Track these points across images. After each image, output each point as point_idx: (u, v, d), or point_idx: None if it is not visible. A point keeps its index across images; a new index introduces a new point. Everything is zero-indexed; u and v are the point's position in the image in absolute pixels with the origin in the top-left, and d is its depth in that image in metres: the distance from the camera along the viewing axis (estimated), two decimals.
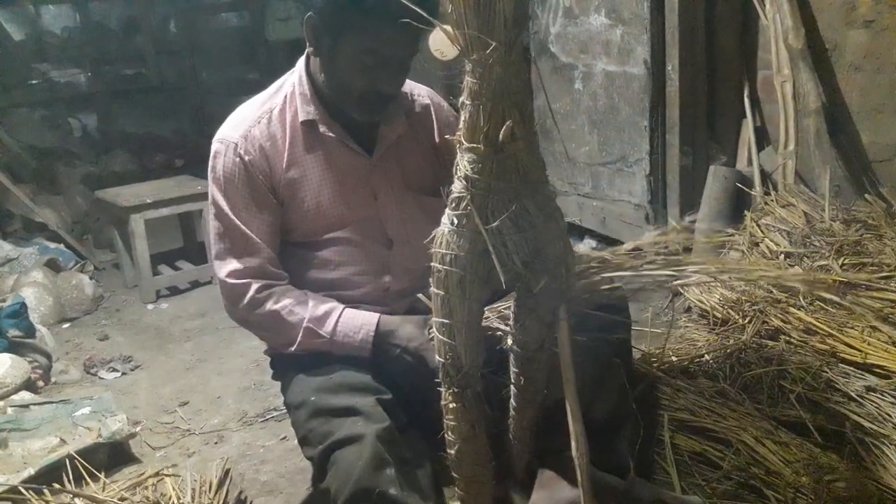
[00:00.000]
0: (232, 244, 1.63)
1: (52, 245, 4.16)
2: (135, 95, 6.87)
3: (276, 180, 1.64)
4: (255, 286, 1.62)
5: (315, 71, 1.64)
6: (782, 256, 2.23)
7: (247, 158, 1.62)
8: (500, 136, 1.19)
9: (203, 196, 3.85)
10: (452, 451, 1.40)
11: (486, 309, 1.46)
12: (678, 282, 2.24)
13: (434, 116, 1.79)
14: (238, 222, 1.62)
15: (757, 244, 2.34)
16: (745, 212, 2.63)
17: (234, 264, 1.63)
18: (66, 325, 3.51)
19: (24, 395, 2.57)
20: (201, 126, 7.03)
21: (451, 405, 1.37)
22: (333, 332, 1.60)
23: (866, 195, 2.51)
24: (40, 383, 2.77)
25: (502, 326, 1.50)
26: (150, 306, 3.71)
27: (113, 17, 7.14)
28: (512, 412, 1.51)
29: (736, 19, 2.93)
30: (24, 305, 2.95)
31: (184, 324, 3.48)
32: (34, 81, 6.43)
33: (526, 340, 1.39)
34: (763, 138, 3.00)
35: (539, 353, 1.40)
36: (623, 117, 3.23)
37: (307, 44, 1.61)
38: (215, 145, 1.66)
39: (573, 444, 1.36)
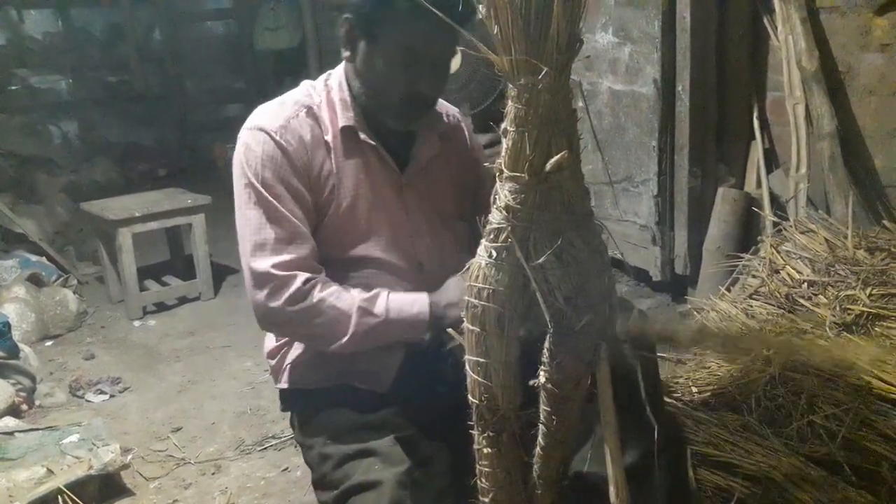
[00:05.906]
0: (278, 233, 1.46)
1: (34, 258, 4.01)
2: (117, 103, 6.75)
3: (312, 176, 1.52)
4: (300, 278, 1.46)
5: (350, 77, 1.55)
6: (805, 285, 2.17)
7: (288, 148, 1.49)
8: (549, 165, 1.12)
9: (192, 210, 3.75)
10: (486, 500, 1.32)
11: None
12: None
13: (462, 139, 1.73)
14: (284, 210, 1.47)
15: (777, 271, 2.28)
16: (761, 237, 2.58)
17: (281, 255, 1.46)
18: (48, 343, 3.37)
19: (8, 421, 2.44)
20: (185, 135, 6.92)
21: (485, 450, 1.29)
22: (387, 310, 1.47)
23: (884, 221, 2.46)
24: (24, 407, 2.64)
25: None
26: (136, 323, 3.58)
27: (96, 23, 7.02)
28: (539, 452, 1.44)
29: (747, 40, 2.89)
30: (7, 325, 2.82)
31: (173, 342, 3.36)
32: (14, 87, 6.31)
33: (561, 380, 1.31)
34: (771, 161, 2.96)
35: (575, 392, 1.33)
36: (630, 137, 3.18)
37: (342, 48, 1.53)
38: (249, 133, 1.51)
39: (612, 490, 1.30)
